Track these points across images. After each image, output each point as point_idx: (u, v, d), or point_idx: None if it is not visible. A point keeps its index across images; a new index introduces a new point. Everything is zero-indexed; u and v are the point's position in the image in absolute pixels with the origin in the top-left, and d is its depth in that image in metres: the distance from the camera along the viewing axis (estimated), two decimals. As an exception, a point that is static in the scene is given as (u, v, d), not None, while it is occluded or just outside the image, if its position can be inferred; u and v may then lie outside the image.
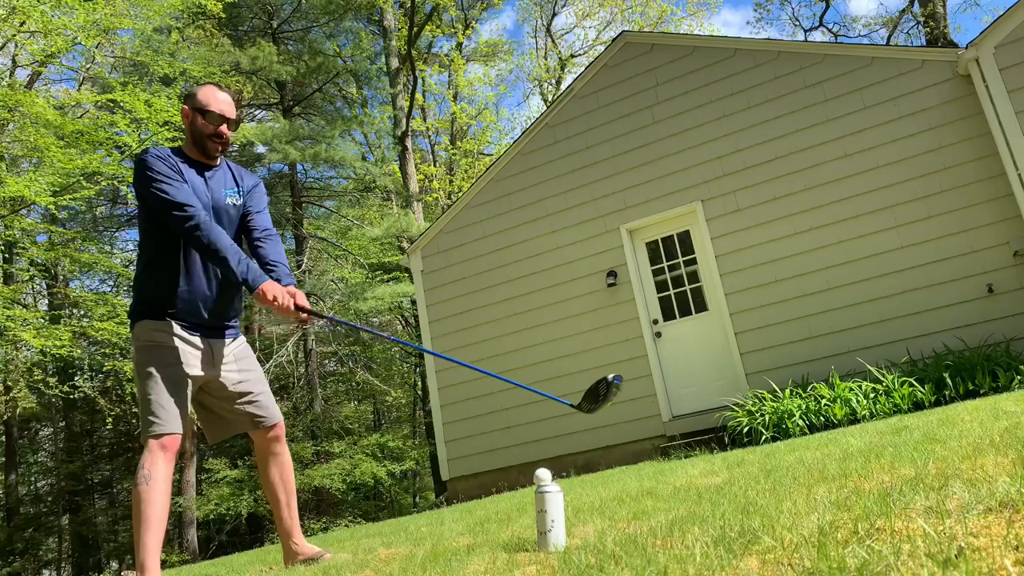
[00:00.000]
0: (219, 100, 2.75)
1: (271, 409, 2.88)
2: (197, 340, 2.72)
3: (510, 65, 24.23)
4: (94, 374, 18.04)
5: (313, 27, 19.02)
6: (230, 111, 2.77)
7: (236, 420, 2.86)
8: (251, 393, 2.84)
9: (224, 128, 2.75)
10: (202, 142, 2.75)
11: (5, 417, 16.91)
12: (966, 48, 6.65)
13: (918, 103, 6.93)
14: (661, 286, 7.81)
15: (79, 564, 19.63)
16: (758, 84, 7.58)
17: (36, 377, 13.76)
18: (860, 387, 6.13)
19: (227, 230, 2.76)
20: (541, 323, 8.14)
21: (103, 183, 11.46)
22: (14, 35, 10.76)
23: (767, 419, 6.16)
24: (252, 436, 2.90)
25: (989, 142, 6.59)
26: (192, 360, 2.68)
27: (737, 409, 6.60)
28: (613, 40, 8.55)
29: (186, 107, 2.77)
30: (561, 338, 8.01)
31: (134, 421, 16.90)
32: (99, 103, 12.84)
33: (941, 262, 6.64)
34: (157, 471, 2.52)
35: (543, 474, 2.12)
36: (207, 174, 2.78)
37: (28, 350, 13.58)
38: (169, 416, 2.57)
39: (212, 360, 2.75)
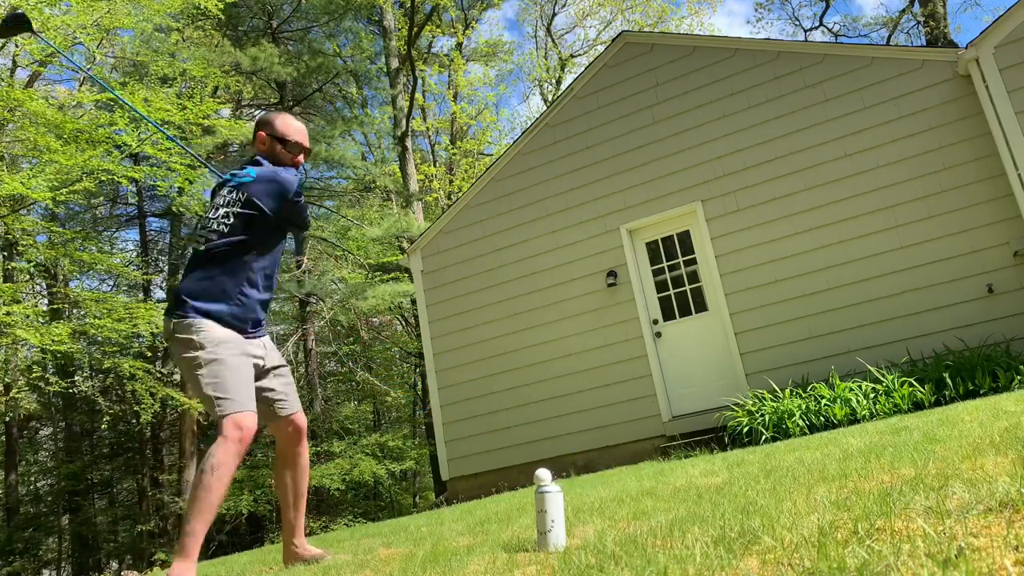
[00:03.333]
0: (296, 131, 3.01)
1: (293, 397, 2.97)
2: (245, 337, 2.84)
3: (510, 65, 24.24)
4: (94, 373, 18.03)
5: (313, 27, 19.01)
6: (306, 141, 3.04)
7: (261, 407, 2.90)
8: (284, 376, 2.96)
9: (302, 158, 3.02)
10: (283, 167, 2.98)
11: (6, 418, 16.91)
12: (966, 48, 6.65)
13: (918, 103, 6.93)
14: (661, 286, 7.81)
15: (79, 564, 19.62)
16: (758, 84, 7.58)
17: (36, 374, 13.75)
18: (860, 387, 6.13)
19: None
20: (541, 323, 8.14)
21: (102, 178, 11.43)
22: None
23: (767, 419, 6.16)
24: (275, 432, 2.94)
25: (989, 142, 6.58)
26: (251, 349, 2.80)
27: (737, 409, 6.60)
28: (613, 40, 8.55)
29: (263, 134, 2.99)
30: (561, 338, 8.01)
31: (134, 421, 16.88)
32: (99, 102, 12.84)
33: (941, 262, 6.64)
34: (229, 461, 2.52)
35: (543, 474, 2.12)
36: None
37: (29, 349, 13.57)
38: (244, 397, 2.63)
39: (264, 350, 2.89)
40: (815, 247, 7.09)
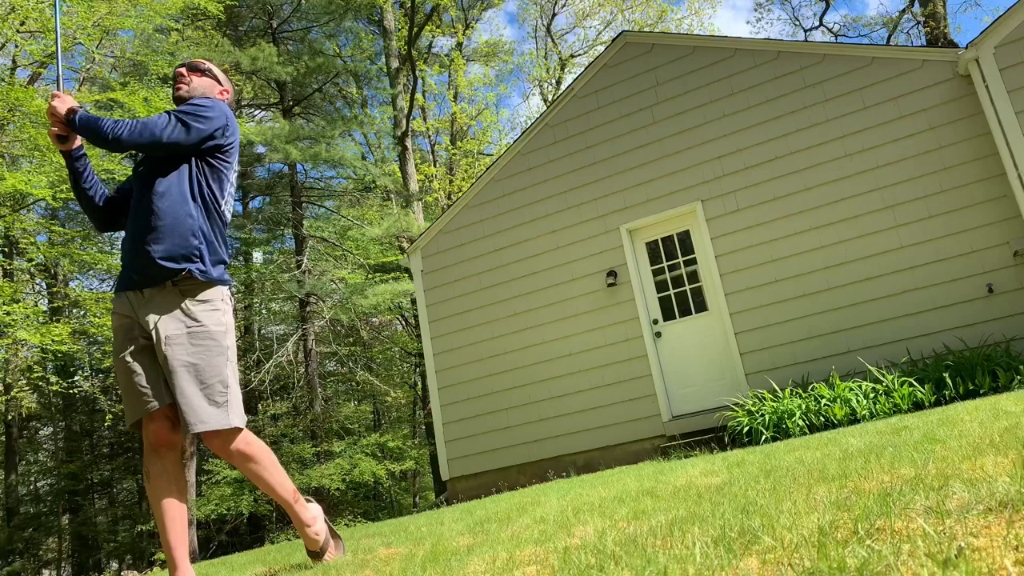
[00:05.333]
0: None
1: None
2: None
3: (510, 65, 24.23)
4: (94, 373, 18.04)
5: (313, 27, 19.01)
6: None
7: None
8: None
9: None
10: None
11: (7, 418, 16.91)
12: (966, 48, 6.65)
13: (918, 103, 6.93)
14: (661, 286, 7.81)
15: (79, 564, 19.63)
16: (758, 84, 7.58)
17: (36, 374, 13.75)
18: (860, 387, 6.13)
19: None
20: (541, 323, 8.14)
21: (102, 177, 11.44)
22: (14, 35, 10.75)
23: (767, 419, 6.16)
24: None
25: (989, 142, 6.59)
26: None
27: (737, 409, 6.60)
28: (613, 40, 8.55)
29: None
30: (561, 338, 8.01)
31: (134, 421, 16.83)
32: (99, 102, 12.83)
33: (941, 262, 6.64)
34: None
35: None
36: None
37: (29, 349, 13.58)
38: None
39: None
40: (815, 247, 7.09)
